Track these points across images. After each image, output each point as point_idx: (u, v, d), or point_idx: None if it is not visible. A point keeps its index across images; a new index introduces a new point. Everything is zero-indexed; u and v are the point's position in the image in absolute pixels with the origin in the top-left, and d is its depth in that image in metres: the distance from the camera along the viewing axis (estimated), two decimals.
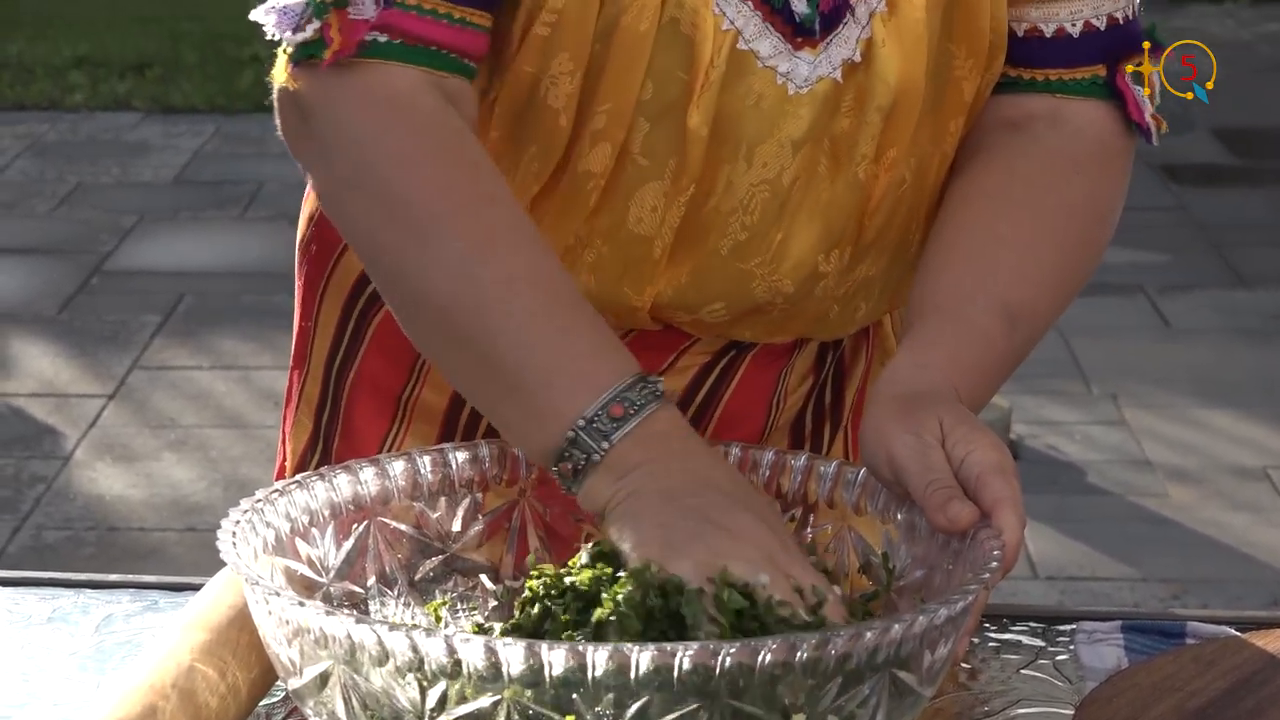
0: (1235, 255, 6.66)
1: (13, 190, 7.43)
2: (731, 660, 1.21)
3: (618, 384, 1.44)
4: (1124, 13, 1.70)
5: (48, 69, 8.86)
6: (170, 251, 6.74)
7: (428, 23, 1.54)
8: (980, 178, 1.68)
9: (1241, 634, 1.62)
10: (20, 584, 1.74)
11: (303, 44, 1.53)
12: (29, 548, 4.64)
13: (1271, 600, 4.41)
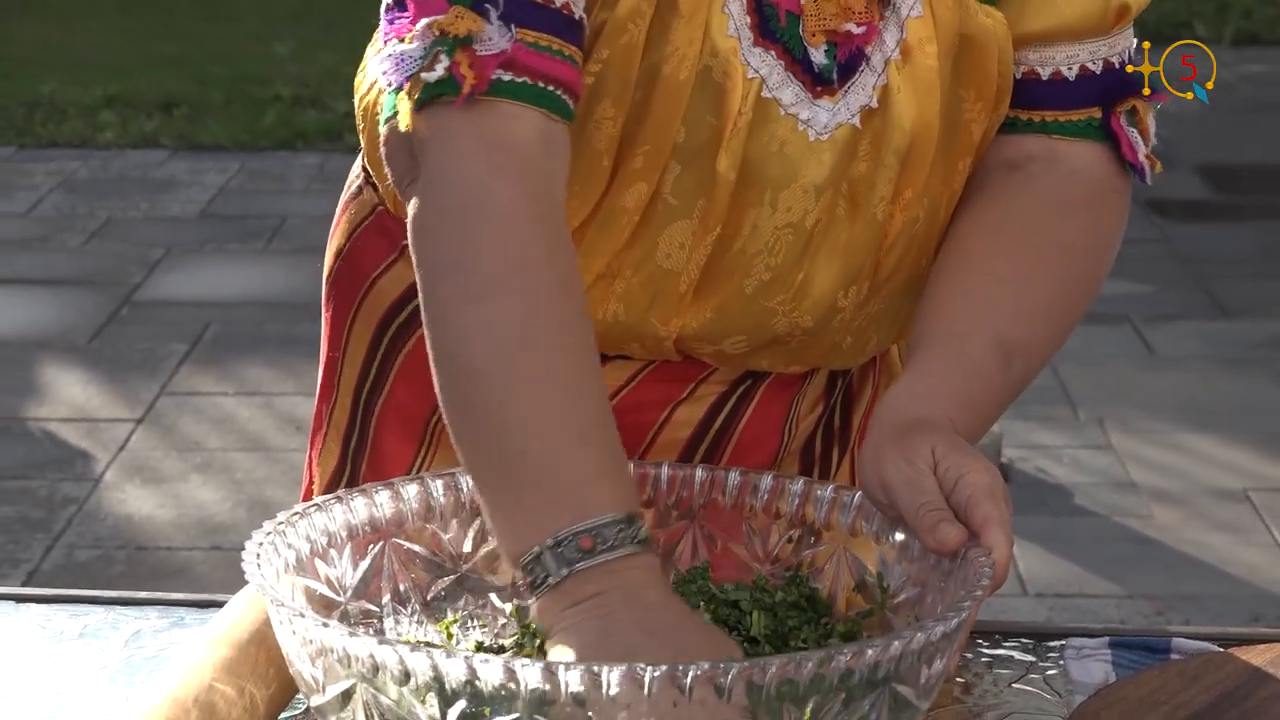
0: (1218, 287, 6.66)
1: (46, 225, 7.43)
2: (739, 678, 1.21)
3: (600, 518, 1.38)
4: (1119, 58, 1.70)
5: (79, 108, 8.86)
6: (197, 283, 6.74)
7: (546, 59, 1.51)
8: (979, 216, 1.68)
9: (1224, 649, 1.62)
10: (53, 601, 1.74)
11: (432, 85, 1.49)
12: (61, 566, 4.63)
13: (1252, 617, 4.40)
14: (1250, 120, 8.76)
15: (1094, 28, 1.68)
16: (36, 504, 5.00)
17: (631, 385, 1.74)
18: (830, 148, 1.61)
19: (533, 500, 1.40)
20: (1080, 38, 1.68)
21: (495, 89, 1.49)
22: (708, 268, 1.65)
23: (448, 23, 1.48)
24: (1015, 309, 1.63)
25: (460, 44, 1.48)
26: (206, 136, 8.52)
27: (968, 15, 1.62)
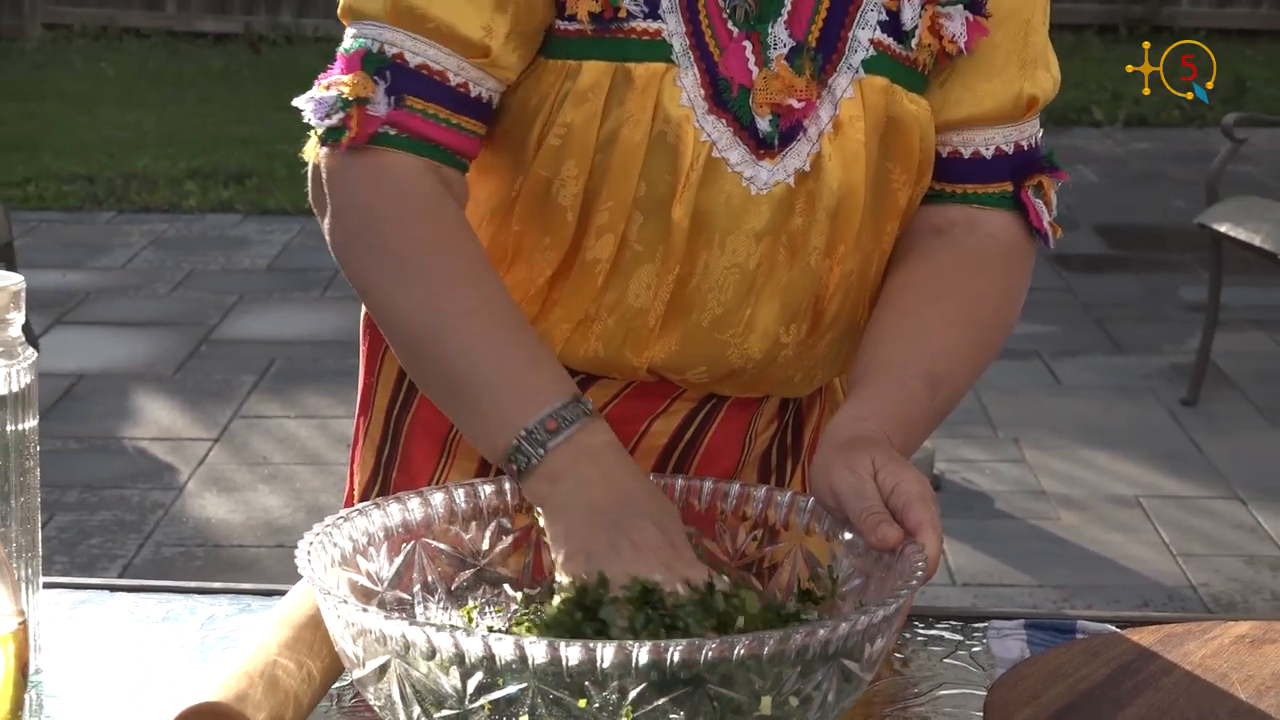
0: (1112, 328, 6.67)
1: (139, 276, 7.43)
2: (713, 654, 1.21)
3: (555, 402, 1.47)
4: (1028, 141, 1.70)
5: (167, 179, 8.86)
6: (264, 325, 6.75)
7: (430, 124, 1.57)
8: (912, 272, 1.67)
9: (1120, 630, 1.61)
10: (142, 590, 1.73)
11: (329, 129, 1.56)
12: (150, 561, 4.63)
13: (1142, 603, 4.41)
14: (1139, 188, 8.78)
15: (1007, 116, 1.68)
16: (130, 509, 5.00)
17: (614, 402, 1.73)
18: (769, 201, 1.61)
19: (492, 408, 1.49)
20: (996, 124, 1.68)
21: (377, 139, 1.55)
22: (670, 303, 1.65)
23: (350, 86, 1.55)
24: (941, 348, 1.62)
25: (356, 103, 1.54)
26: (273, 203, 8.52)
27: (894, 100, 1.61)
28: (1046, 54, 1.71)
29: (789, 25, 1.60)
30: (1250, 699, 1.48)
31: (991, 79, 1.67)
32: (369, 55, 1.56)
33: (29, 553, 1.52)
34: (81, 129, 9.87)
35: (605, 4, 1.56)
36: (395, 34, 1.56)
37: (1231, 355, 6.18)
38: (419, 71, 1.56)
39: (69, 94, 10.85)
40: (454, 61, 1.56)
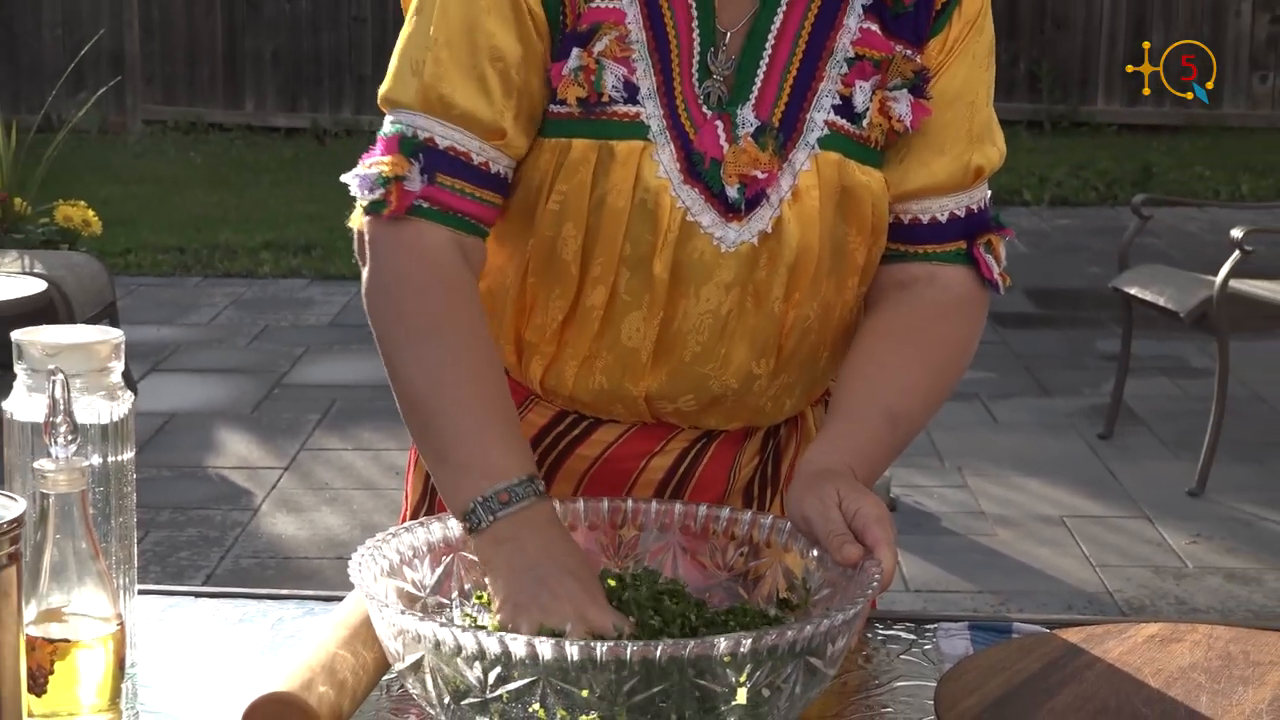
0: (1040, 374, 6.68)
1: (222, 330, 7.45)
2: (694, 653, 1.21)
3: (512, 479, 1.46)
4: (978, 204, 1.69)
5: (245, 249, 8.88)
6: (327, 372, 6.75)
7: (457, 198, 1.57)
8: (878, 321, 1.67)
9: (1049, 630, 1.60)
10: (222, 596, 1.73)
11: (372, 202, 1.57)
12: (229, 571, 4.63)
13: (1067, 606, 4.40)
14: (1062, 258, 8.80)
15: (957, 185, 1.67)
16: (213, 527, 4.99)
17: (619, 441, 1.73)
18: (735, 258, 1.61)
19: (462, 472, 1.47)
20: (949, 193, 1.67)
21: (413, 211, 1.55)
22: (658, 342, 1.64)
23: (390, 166, 1.56)
24: (901, 389, 1.61)
25: (395, 180, 1.55)
26: (334, 270, 8.54)
27: (846, 173, 1.61)
28: (991, 128, 1.70)
29: (755, 108, 1.60)
30: (1160, 689, 1.47)
31: (943, 154, 1.66)
32: (404, 139, 1.57)
33: (126, 564, 1.52)
34: (173, 208, 9.90)
35: (590, 91, 1.57)
36: (426, 120, 1.57)
37: (1140, 397, 6.19)
38: (447, 153, 1.56)
39: (163, 178, 10.89)
40: (475, 143, 1.57)
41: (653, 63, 1.59)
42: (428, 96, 1.57)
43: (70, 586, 1.37)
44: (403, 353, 1.56)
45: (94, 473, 1.46)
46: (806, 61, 1.62)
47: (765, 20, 1.61)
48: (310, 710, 1.31)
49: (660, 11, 1.59)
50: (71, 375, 1.42)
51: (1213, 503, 5.21)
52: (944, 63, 1.65)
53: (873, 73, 1.62)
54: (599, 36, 1.57)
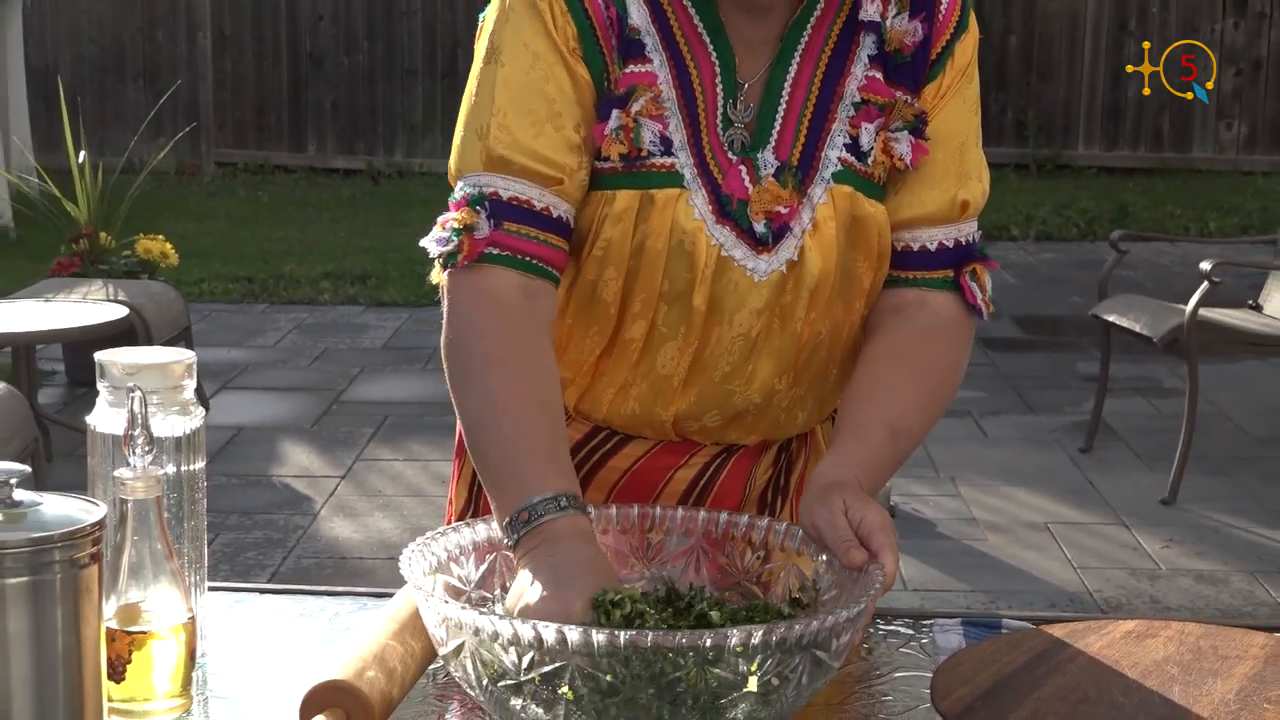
0: (1026, 394, 6.67)
1: (285, 353, 7.47)
2: (710, 642, 1.21)
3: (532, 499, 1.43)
4: (966, 237, 1.68)
5: (307, 279, 8.91)
6: (380, 390, 6.76)
7: (524, 241, 1.55)
8: (878, 344, 1.66)
9: (1035, 626, 1.60)
10: (285, 592, 1.73)
11: (446, 255, 1.56)
12: (292, 569, 4.63)
13: (1050, 604, 4.39)
14: (1046, 288, 8.79)
15: (946, 218, 1.67)
16: (277, 530, 5.00)
17: (647, 455, 1.72)
18: (766, 286, 1.61)
19: (503, 497, 1.46)
20: (938, 224, 1.66)
21: (483, 258, 1.54)
22: (690, 367, 1.64)
23: (461, 219, 1.55)
24: (900, 408, 1.61)
25: (465, 231, 1.54)
26: (387, 297, 8.57)
27: (857, 204, 1.61)
28: (980, 167, 1.70)
29: (775, 150, 1.61)
30: (1137, 680, 1.46)
31: (934, 188, 1.66)
32: (472, 196, 1.56)
33: (197, 563, 1.52)
34: (243, 242, 9.94)
35: (630, 147, 1.57)
36: (490, 177, 1.56)
37: (1117, 415, 6.16)
38: (510, 202, 1.55)
39: (233, 215, 10.93)
40: (536, 191, 1.56)
41: (682, 117, 1.59)
42: (491, 156, 1.56)
43: (147, 584, 1.37)
44: (463, 392, 1.54)
45: (168, 480, 1.46)
46: (820, 106, 1.62)
47: (781, 71, 1.61)
48: (362, 695, 1.31)
49: (687, 70, 1.60)
50: (149, 392, 1.43)
51: (1183, 511, 5.19)
52: (937, 106, 1.65)
53: (877, 115, 1.62)
54: (635, 98, 1.58)
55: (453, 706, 1.43)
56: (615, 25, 1.58)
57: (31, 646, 1.21)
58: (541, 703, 1.24)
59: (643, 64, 1.59)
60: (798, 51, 1.62)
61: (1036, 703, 1.41)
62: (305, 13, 12.61)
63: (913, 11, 1.63)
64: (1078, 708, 1.41)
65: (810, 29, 1.62)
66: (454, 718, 1.41)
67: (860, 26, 1.63)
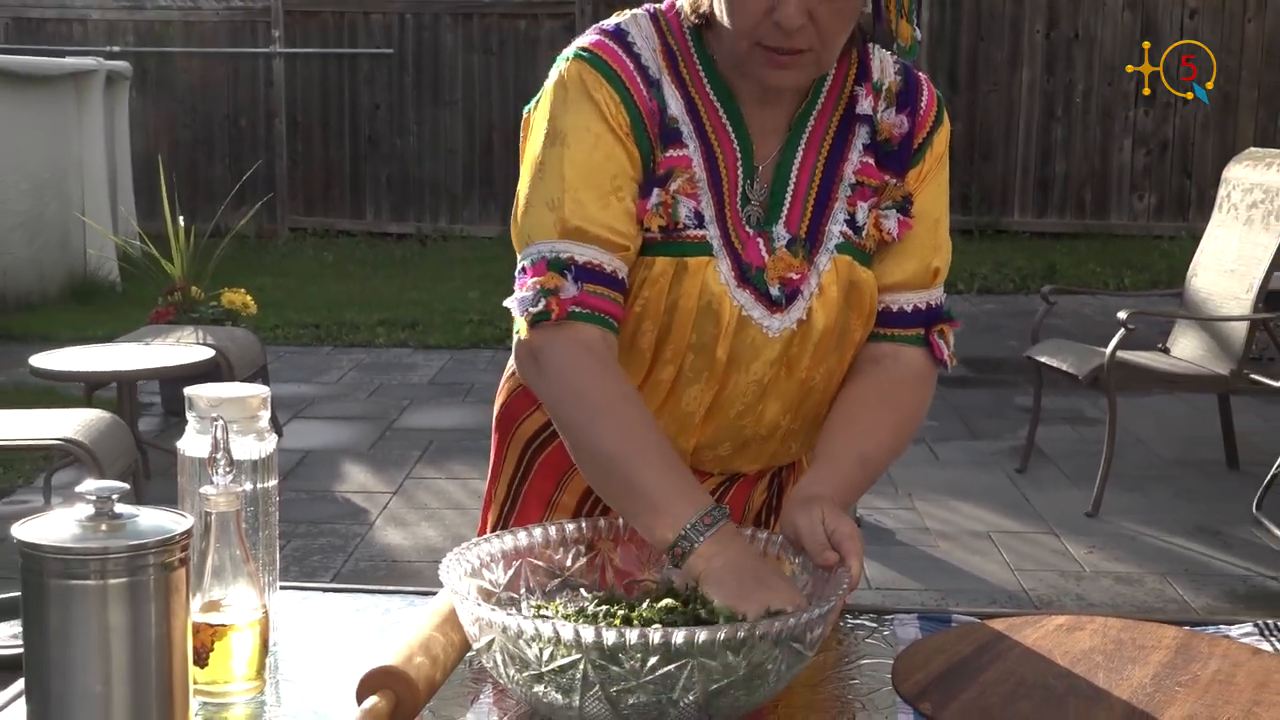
0: (970, 423, 6.66)
1: (346, 388, 7.45)
2: (705, 637, 1.20)
3: (709, 508, 1.42)
4: (935, 301, 1.69)
5: (365, 326, 8.91)
6: (426, 419, 6.74)
7: (604, 301, 1.53)
8: (855, 387, 1.65)
9: (980, 620, 1.59)
10: (344, 591, 1.72)
11: (537, 315, 1.51)
12: (351, 571, 4.62)
13: (991, 601, 4.37)
14: (987, 334, 8.78)
15: (920, 284, 1.67)
16: (338, 538, 4.98)
17: None
18: (779, 341, 1.60)
19: (662, 515, 1.42)
20: (914, 290, 1.67)
21: (571, 316, 1.51)
22: (710, 407, 1.64)
23: (544, 282, 1.51)
24: (871, 441, 1.61)
25: (551, 293, 1.50)
26: (433, 341, 8.58)
27: (854, 271, 1.61)
28: (948, 240, 1.71)
29: (786, 224, 1.60)
30: (1067, 667, 1.46)
31: (912, 258, 1.66)
32: (550, 261, 1.53)
33: (270, 566, 1.51)
34: (311, 295, 9.95)
35: (669, 220, 1.56)
36: (566, 244, 1.53)
37: (1048, 441, 6.15)
38: (586, 266, 1.53)
39: (304, 272, 10.96)
40: (606, 256, 1.53)
41: (711, 195, 1.58)
42: (567, 226, 1.53)
43: (227, 583, 1.37)
44: (588, 433, 1.51)
45: (246, 496, 1.46)
46: (823, 186, 1.62)
47: (789, 156, 1.61)
48: (410, 679, 1.30)
49: (714, 155, 1.59)
50: (230, 421, 1.43)
51: (1105, 522, 5.18)
52: (918, 188, 1.66)
53: (870, 195, 1.63)
54: (674, 178, 1.57)
55: (486, 689, 1.42)
56: (658, 115, 1.58)
57: (129, 637, 1.21)
58: (559, 689, 1.24)
59: (680, 149, 1.58)
60: (803, 139, 1.62)
61: (981, 685, 1.41)
62: (364, 103, 12.67)
63: (899, 107, 1.64)
64: (1016, 690, 1.40)
65: (814, 120, 1.62)
66: (487, 699, 1.41)
67: (856, 119, 1.63)
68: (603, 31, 1.60)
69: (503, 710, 1.37)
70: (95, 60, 10.07)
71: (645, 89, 1.57)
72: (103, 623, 1.20)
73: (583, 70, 1.57)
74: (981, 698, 1.38)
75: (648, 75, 1.58)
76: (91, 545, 1.20)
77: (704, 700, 1.23)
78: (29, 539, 1.21)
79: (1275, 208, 5.43)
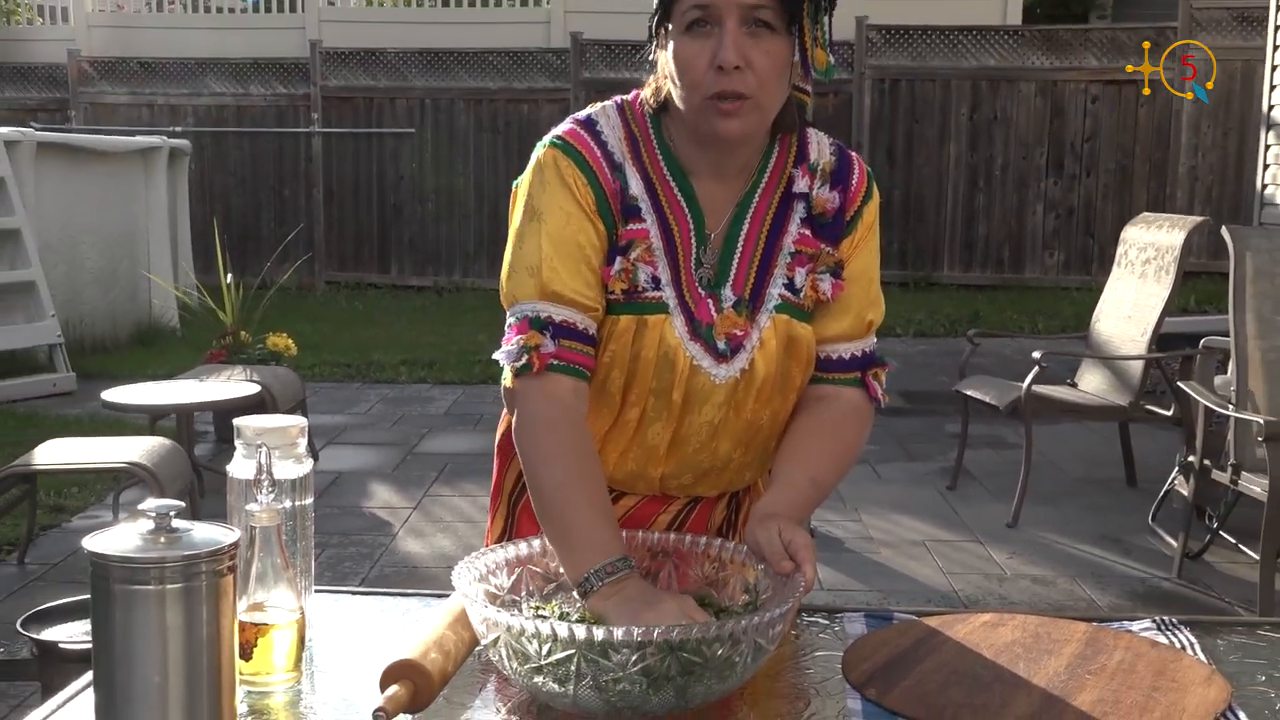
0: (908, 447, 6.66)
1: (373, 418, 7.41)
2: (678, 635, 1.20)
3: (615, 558, 1.41)
4: (869, 348, 1.68)
5: (390, 365, 8.88)
6: (442, 444, 6.71)
7: (578, 355, 1.53)
8: (803, 423, 1.64)
9: (917, 617, 1.58)
10: (370, 594, 1.70)
11: (520, 367, 1.52)
12: (377, 576, 4.59)
13: (927, 600, 4.36)
14: (921, 371, 8.80)
15: (856, 335, 1.66)
16: (366, 547, 4.94)
17: (637, 506, 1.71)
18: (725, 387, 1.59)
19: (579, 555, 1.41)
20: (850, 340, 1.66)
21: (549, 368, 1.51)
22: (671, 442, 1.63)
23: (527, 340, 1.52)
24: (819, 466, 1.59)
25: (533, 349, 1.50)
26: (448, 378, 8.56)
27: (792, 327, 1.61)
28: (881, 296, 1.70)
29: (733, 287, 1.60)
30: (992, 658, 1.45)
31: (848, 314, 1.66)
32: (532, 320, 1.53)
33: (306, 573, 1.50)
34: (343, 339, 9.92)
35: (630, 284, 1.56)
36: (544, 305, 1.53)
37: (974, 462, 6.15)
38: (563, 324, 1.53)
39: (337, 319, 10.94)
40: (579, 316, 1.54)
41: (667, 262, 1.58)
42: (545, 290, 1.54)
43: (269, 587, 1.36)
44: (537, 473, 1.50)
45: (286, 512, 1.45)
46: (765, 255, 1.61)
47: (736, 228, 1.61)
48: (425, 670, 1.29)
49: (670, 227, 1.59)
50: (272, 448, 1.42)
51: (1023, 532, 5.17)
52: (852, 254, 1.65)
53: (807, 262, 1.62)
54: (634, 248, 1.57)
55: (491, 679, 1.41)
56: (620, 194, 1.58)
57: (184, 635, 1.20)
58: (556, 680, 1.23)
59: (639, 223, 1.58)
60: (749, 213, 1.62)
61: (919, 674, 1.40)
62: (390, 175, 12.69)
63: (833, 184, 1.64)
64: (949, 678, 1.39)
65: (758, 197, 1.62)
66: (493, 687, 1.39)
67: (794, 196, 1.63)
68: (576, 121, 1.61)
69: (506, 698, 1.36)
70: (160, 139, 10.10)
71: (609, 172, 1.58)
72: (161, 622, 1.19)
73: (557, 156, 1.58)
74: (919, 685, 1.37)
75: (612, 160, 1.59)
76: (151, 555, 1.19)
77: (681, 688, 1.23)
78: (97, 550, 1.20)
79: (1165, 263, 5.47)
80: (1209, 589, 4.48)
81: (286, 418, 1.52)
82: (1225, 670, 1.44)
